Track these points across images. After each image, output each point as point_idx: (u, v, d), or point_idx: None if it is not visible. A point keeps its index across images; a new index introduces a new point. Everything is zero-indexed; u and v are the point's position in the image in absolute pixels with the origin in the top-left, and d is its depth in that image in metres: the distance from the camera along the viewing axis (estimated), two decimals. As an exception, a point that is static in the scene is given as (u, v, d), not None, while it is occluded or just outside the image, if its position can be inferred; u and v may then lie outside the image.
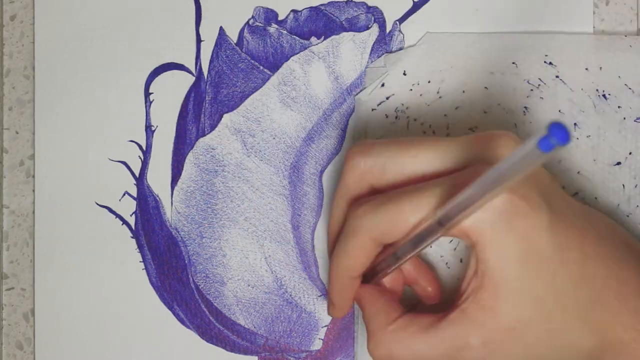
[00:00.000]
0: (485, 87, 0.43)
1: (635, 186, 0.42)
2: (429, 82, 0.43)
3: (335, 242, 0.39)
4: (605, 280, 0.35)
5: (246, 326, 0.45)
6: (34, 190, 0.46)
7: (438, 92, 0.43)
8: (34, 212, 0.46)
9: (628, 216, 0.42)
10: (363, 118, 0.44)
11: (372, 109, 0.44)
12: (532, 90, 0.43)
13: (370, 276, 0.39)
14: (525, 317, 0.34)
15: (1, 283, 0.46)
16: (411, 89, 0.43)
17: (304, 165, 0.45)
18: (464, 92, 0.43)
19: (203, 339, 0.45)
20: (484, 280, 0.34)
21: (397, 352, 0.36)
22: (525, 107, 0.43)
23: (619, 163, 0.42)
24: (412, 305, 0.41)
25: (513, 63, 0.43)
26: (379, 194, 0.36)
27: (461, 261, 0.42)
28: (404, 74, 0.43)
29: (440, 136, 0.43)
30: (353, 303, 0.40)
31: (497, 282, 0.33)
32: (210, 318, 0.45)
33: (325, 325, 0.45)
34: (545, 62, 0.43)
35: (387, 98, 0.43)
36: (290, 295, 0.45)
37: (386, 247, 0.37)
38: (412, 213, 0.34)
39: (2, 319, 0.46)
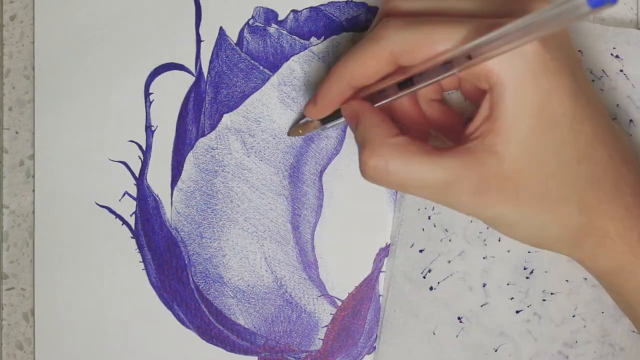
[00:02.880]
0: None
1: None
2: None
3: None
4: (607, 167, 0.36)
5: (246, 326, 0.45)
6: (34, 190, 0.46)
7: None
8: (34, 212, 0.46)
9: None
10: None
11: None
12: (593, 80, 0.43)
13: (372, 101, 0.38)
14: (526, 171, 0.34)
15: (1, 283, 0.46)
16: None
17: (304, 166, 0.45)
18: None
19: (203, 339, 0.45)
20: (496, 124, 0.34)
21: (393, 165, 0.35)
22: None
23: None
24: None
25: (579, 51, 0.43)
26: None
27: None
28: None
29: None
30: (335, 110, 0.39)
31: (510, 130, 0.34)
32: (210, 318, 0.45)
33: (325, 326, 0.45)
34: (611, 54, 0.42)
35: None
36: (290, 296, 0.45)
37: (396, 72, 0.36)
38: (441, 39, 0.34)
39: (2, 319, 0.46)
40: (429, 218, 0.43)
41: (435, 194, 0.35)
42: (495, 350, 0.43)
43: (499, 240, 0.43)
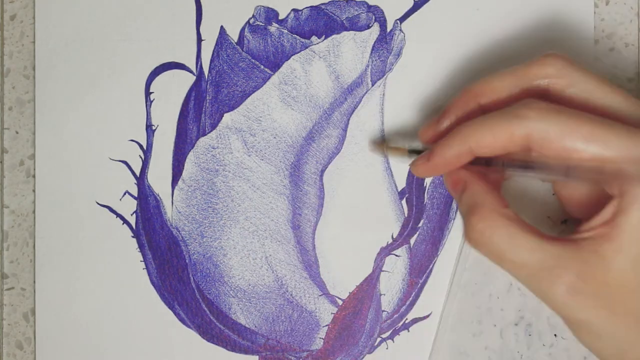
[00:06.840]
0: None
1: None
2: None
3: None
4: None
5: (247, 325, 0.45)
6: (34, 190, 0.46)
7: None
8: (34, 212, 0.46)
9: None
10: None
11: None
12: None
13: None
14: (629, 286, 0.33)
15: (1, 283, 0.46)
16: None
17: (305, 165, 0.45)
18: None
19: (204, 338, 0.45)
20: (613, 231, 0.33)
21: (498, 235, 0.34)
22: None
23: None
24: None
25: None
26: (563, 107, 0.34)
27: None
28: None
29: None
30: (446, 171, 0.37)
31: (626, 242, 0.33)
32: (211, 317, 0.45)
33: (326, 325, 0.45)
34: None
35: None
36: (291, 295, 0.45)
37: (524, 152, 0.35)
38: (595, 141, 0.33)
39: (2, 319, 0.46)
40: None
41: (529, 277, 0.34)
42: None
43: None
